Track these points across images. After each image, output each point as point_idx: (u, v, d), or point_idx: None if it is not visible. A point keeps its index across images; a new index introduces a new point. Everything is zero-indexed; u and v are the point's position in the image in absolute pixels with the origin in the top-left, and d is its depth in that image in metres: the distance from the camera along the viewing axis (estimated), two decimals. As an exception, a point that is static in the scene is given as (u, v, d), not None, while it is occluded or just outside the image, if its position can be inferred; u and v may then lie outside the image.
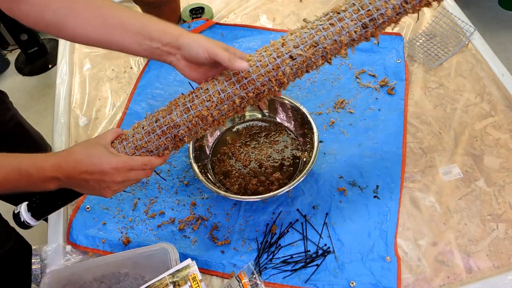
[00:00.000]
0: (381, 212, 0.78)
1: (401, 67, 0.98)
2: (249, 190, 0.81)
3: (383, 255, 0.73)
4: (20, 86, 2.22)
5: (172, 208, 0.82)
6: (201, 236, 0.78)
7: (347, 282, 0.71)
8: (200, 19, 1.12)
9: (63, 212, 0.83)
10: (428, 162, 0.84)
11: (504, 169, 0.82)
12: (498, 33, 2.18)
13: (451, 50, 1.01)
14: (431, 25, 1.06)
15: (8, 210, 0.96)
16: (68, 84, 1.05)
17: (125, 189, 0.65)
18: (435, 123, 0.90)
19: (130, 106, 0.99)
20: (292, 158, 0.84)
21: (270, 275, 0.73)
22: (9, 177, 0.57)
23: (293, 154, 0.85)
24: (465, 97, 0.93)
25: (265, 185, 0.81)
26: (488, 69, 0.97)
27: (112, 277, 0.70)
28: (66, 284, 0.69)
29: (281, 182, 0.81)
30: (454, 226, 0.76)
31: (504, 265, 0.72)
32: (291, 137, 0.88)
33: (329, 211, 0.79)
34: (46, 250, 0.77)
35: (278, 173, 0.82)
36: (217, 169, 0.85)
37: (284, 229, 0.77)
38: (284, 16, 1.15)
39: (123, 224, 0.80)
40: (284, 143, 0.87)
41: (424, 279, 0.71)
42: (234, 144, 0.88)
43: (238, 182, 0.83)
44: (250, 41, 1.09)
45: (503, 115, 0.90)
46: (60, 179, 0.59)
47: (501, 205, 0.78)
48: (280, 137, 0.88)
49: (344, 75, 0.99)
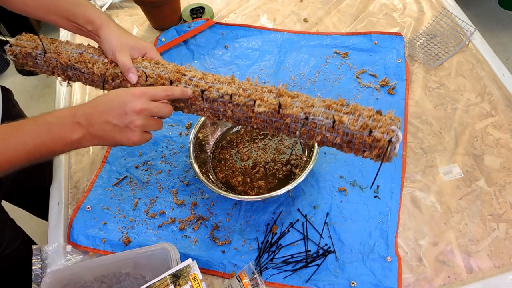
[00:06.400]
0: (382, 212, 0.78)
1: (401, 67, 0.98)
2: (230, 183, 0.83)
3: (384, 255, 0.73)
4: (20, 86, 2.22)
5: (173, 208, 0.82)
6: (202, 236, 0.78)
7: (347, 282, 0.71)
8: (201, 19, 1.12)
9: (64, 212, 0.83)
10: (428, 162, 0.84)
11: (504, 169, 0.82)
12: (498, 33, 2.18)
13: (451, 50, 1.01)
14: (432, 25, 1.06)
15: (12, 209, 0.97)
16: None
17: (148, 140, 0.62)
18: (435, 123, 0.90)
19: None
20: (286, 173, 0.83)
21: (270, 275, 0.73)
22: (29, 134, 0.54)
23: (290, 169, 0.84)
24: (466, 97, 0.93)
25: (246, 187, 0.82)
26: (488, 69, 0.97)
27: (113, 277, 0.70)
28: (66, 284, 0.69)
29: (261, 191, 0.81)
30: (455, 226, 0.76)
31: (504, 264, 0.72)
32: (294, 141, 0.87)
33: (329, 211, 0.79)
34: (47, 250, 0.77)
35: (263, 182, 0.82)
36: (218, 169, 0.85)
37: (284, 229, 0.77)
38: (284, 16, 1.15)
39: (123, 224, 0.80)
40: (288, 153, 0.86)
41: (424, 279, 0.71)
42: (238, 142, 0.88)
43: (226, 172, 0.84)
44: (250, 41, 1.09)
45: (503, 115, 0.90)
46: (81, 125, 0.56)
47: (501, 205, 0.78)
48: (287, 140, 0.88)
49: (345, 75, 0.99)
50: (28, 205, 1.18)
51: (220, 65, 1.05)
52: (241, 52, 1.07)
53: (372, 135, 0.55)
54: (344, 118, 0.57)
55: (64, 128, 0.56)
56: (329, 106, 0.59)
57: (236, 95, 0.63)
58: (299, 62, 1.03)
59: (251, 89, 0.63)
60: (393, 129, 0.55)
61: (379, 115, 0.57)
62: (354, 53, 1.03)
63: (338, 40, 1.06)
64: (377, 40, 1.04)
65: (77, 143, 0.57)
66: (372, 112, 0.57)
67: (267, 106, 0.61)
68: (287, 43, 1.07)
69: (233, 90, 0.64)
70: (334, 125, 0.57)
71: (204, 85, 0.65)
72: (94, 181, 0.86)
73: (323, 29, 1.11)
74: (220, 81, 0.66)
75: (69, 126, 0.56)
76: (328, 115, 0.58)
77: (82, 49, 0.74)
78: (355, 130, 0.57)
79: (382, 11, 1.13)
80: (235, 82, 0.66)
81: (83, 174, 0.89)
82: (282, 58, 1.04)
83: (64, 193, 0.86)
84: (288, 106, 0.60)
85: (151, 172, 0.87)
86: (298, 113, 0.59)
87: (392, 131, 0.55)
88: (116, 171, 0.87)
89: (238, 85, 0.64)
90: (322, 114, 0.58)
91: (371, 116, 0.57)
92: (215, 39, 1.10)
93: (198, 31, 1.10)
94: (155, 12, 1.11)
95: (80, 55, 0.73)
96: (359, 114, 0.57)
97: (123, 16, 1.22)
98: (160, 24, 1.14)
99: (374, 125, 0.56)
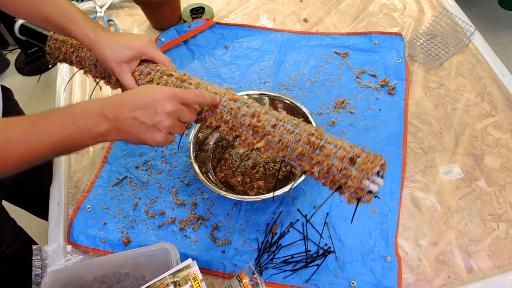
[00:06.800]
0: (382, 212, 0.78)
1: (401, 67, 0.98)
2: (230, 183, 0.83)
3: (384, 255, 0.73)
4: (20, 86, 2.23)
5: (173, 208, 0.82)
6: (202, 236, 0.78)
7: (347, 282, 0.71)
8: (201, 19, 1.12)
9: (64, 212, 0.83)
10: (428, 162, 0.84)
11: (504, 169, 0.82)
12: (498, 33, 2.18)
13: (451, 50, 1.01)
14: (432, 25, 1.06)
15: (12, 209, 0.97)
16: (69, 84, 1.05)
17: (171, 142, 0.60)
18: (435, 123, 0.90)
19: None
20: (286, 174, 0.83)
21: (270, 275, 0.73)
22: (54, 124, 0.52)
23: (290, 170, 0.84)
24: (466, 97, 0.93)
25: (246, 187, 0.82)
26: (488, 69, 0.97)
27: (113, 277, 0.70)
28: (66, 284, 0.69)
29: (260, 191, 0.81)
30: (455, 226, 0.76)
31: (504, 264, 0.72)
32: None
33: (329, 211, 0.79)
34: (47, 250, 0.77)
35: (262, 182, 0.82)
36: (217, 169, 0.85)
37: (284, 229, 0.77)
38: (284, 16, 1.15)
39: (123, 224, 0.80)
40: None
41: (424, 279, 0.71)
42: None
43: (225, 171, 0.84)
44: (250, 41, 1.09)
45: (503, 115, 0.90)
46: (108, 117, 0.54)
47: (501, 205, 0.78)
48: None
49: (345, 75, 0.99)
50: (28, 205, 1.18)
51: (220, 65, 1.05)
52: (241, 52, 1.07)
53: (342, 191, 0.53)
54: (315, 170, 0.55)
55: (91, 120, 0.54)
56: (302, 153, 0.56)
57: (220, 128, 0.63)
58: (299, 62, 1.03)
59: (232, 119, 0.62)
60: (362, 187, 0.51)
61: (351, 165, 0.52)
62: (354, 53, 1.03)
63: (338, 40, 1.06)
64: (377, 40, 1.04)
65: (102, 136, 0.56)
66: (344, 164, 0.52)
67: (245, 147, 0.61)
68: (287, 43, 1.07)
69: (217, 120, 0.63)
70: (307, 173, 0.56)
71: None
72: (94, 181, 0.86)
73: (323, 29, 1.11)
74: (206, 107, 0.64)
75: (96, 117, 0.54)
76: (301, 162, 0.56)
77: None
78: (326, 183, 0.55)
79: (382, 11, 1.13)
80: (218, 106, 0.63)
81: (83, 174, 0.89)
82: (282, 58, 1.04)
83: (64, 193, 0.86)
84: (263, 150, 0.59)
85: (151, 172, 0.87)
86: (275, 156, 0.59)
87: (361, 190, 0.51)
88: (116, 171, 0.87)
89: (220, 113, 0.63)
90: (295, 159, 0.56)
91: (341, 171, 0.52)
92: (215, 39, 1.10)
93: (198, 31, 1.10)
94: (155, 12, 1.11)
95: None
96: (328, 167, 0.53)
97: (123, 16, 1.22)
98: (160, 24, 1.14)
99: (343, 182, 0.52)
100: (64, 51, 0.79)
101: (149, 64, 0.71)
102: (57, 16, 0.68)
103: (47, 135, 0.52)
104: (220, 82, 1.02)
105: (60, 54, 0.80)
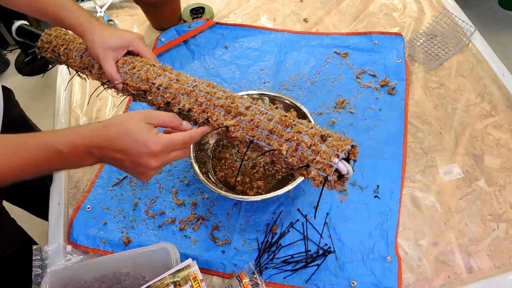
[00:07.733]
0: (382, 212, 0.78)
1: (401, 67, 0.98)
2: (230, 183, 0.83)
3: (384, 255, 0.73)
4: (20, 86, 2.23)
5: (173, 208, 0.82)
6: (202, 236, 0.78)
7: (348, 282, 0.71)
8: (201, 19, 1.12)
9: (64, 212, 0.83)
10: (428, 162, 0.84)
11: (504, 169, 0.82)
12: (498, 33, 2.18)
13: (451, 50, 1.01)
14: (432, 25, 1.06)
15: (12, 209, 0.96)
16: (69, 84, 1.05)
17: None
18: (435, 123, 0.90)
19: (131, 106, 0.99)
20: (285, 174, 0.83)
21: (270, 275, 0.73)
22: (37, 158, 0.52)
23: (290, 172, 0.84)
24: (466, 97, 0.93)
25: (245, 187, 0.82)
26: (488, 69, 0.97)
27: (113, 277, 0.70)
28: (66, 284, 0.69)
29: (260, 191, 0.81)
30: (455, 226, 0.76)
31: (504, 264, 0.72)
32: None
33: (329, 211, 0.79)
34: (47, 250, 0.77)
35: (262, 182, 0.82)
36: (217, 168, 0.85)
37: (284, 229, 0.77)
38: (284, 16, 1.15)
39: (123, 224, 0.80)
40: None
41: (425, 279, 0.71)
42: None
43: (225, 171, 0.84)
44: (250, 41, 1.09)
45: (503, 115, 0.90)
46: (95, 155, 0.54)
47: (501, 205, 0.78)
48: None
49: (345, 75, 0.99)
50: (28, 205, 1.18)
51: (220, 65, 1.05)
52: (241, 52, 1.07)
53: (309, 170, 0.50)
54: (283, 147, 0.52)
55: (77, 156, 0.54)
56: (272, 130, 0.54)
57: (192, 111, 0.62)
58: (299, 62, 1.03)
59: (206, 101, 0.62)
60: (331, 163, 0.48)
61: (321, 142, 0.50)
62: (354, 53, 1.03)
63: (338, 40, 1.06)
64: (377, 40, 1.04)
65: (89, 166, 0.57)
66: (314, 140, 0.50)
67: (215, 127, 0.60)
68: (287, 43, 1.07)
69: (190, 103, 0.63)
70: (275, 153, 0.54)
71: (169, 97, 0.65)
72: (94, 181, 0.86)
73: (323, 29, 1.11)
74: (183, 91, 0.64)
75: (82, 155, 0.54)
76: (270, 140, 0.54)
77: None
78: (293, 162, 0.52)
79: (382, 11, 1.13)
80: (195, 90, 0.63)
81: (83, 174, 0.89)
82: (282, 58, 1.04)
83: (64, 193, 0.86)
84: (233, 129, 0.58)
85: (151, 172, 0.87)
86: (244, 136, 0.57)
87: (329, 167, 0.48)
88: (116, 171, 0.87)
89: (195, 96, 0.63)
90: (264, 139, 0.54)
91: (311, 146, 0.50)
92: (215, 39, 1.10)
93: (198, 31, 1.10)
94: (155, 12, 1.11)
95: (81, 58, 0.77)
96: (297, 143, 0.51)
97: (123, 16, 1.22)
98: (160, 24, 1.14)
99: (311, 158, 0.50)
100: (54, 44, 0.80)
101: (135, 56, 0.73)
102: (52, 5, 0.71)
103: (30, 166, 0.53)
104: (220, 82, 1.02)
105: (49, 47, 0.81)
